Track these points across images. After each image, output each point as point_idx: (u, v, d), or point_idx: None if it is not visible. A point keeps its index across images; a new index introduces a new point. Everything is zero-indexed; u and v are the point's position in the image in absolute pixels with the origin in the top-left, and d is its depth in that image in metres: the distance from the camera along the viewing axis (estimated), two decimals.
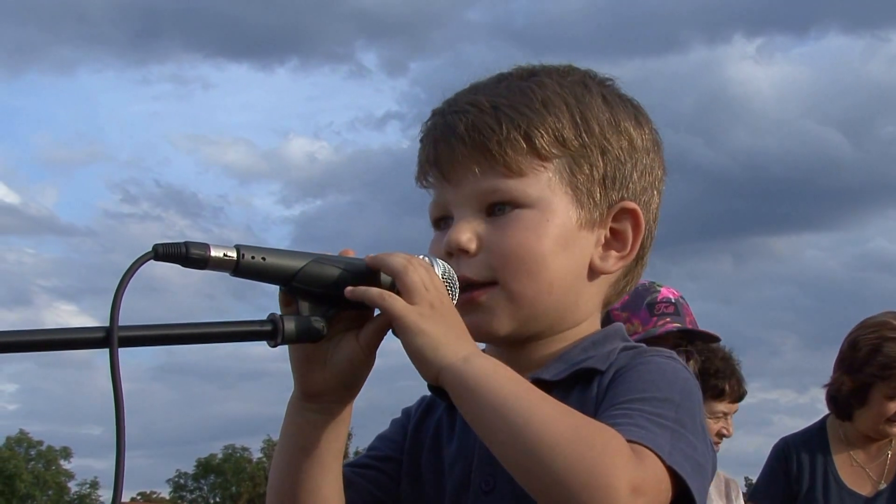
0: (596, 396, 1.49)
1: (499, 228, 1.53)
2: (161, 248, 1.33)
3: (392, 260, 1.43)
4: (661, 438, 1.37)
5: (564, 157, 1.55)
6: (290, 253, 1.41)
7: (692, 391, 1.48)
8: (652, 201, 1.64)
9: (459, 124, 1.55)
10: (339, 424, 1.52)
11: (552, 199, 1.54)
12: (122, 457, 1.28)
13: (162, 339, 1.35)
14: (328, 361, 1.47)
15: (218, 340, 1.39)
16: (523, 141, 1.53)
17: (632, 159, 1.60)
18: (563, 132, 1.55)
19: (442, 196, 1.59)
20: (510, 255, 1.52)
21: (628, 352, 1.55)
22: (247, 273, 1.38)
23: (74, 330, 1.31)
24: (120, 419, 1.27)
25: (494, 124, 1.53)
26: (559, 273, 1.54)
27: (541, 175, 1.54)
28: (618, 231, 1.60)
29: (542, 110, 1.55)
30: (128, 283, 1.29)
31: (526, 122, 1.54)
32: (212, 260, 1.35)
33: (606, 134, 1.58)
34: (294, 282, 1.41)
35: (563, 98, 1.57)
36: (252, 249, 1.38)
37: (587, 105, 1.58)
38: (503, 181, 1.53)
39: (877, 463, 4.09)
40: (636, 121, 1.63)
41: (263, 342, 1.41)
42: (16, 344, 1.28)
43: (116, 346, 1.28)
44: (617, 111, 1.61)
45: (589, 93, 1.60)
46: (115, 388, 1.28)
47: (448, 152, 1.56)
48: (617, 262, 1.60)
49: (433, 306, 1.41)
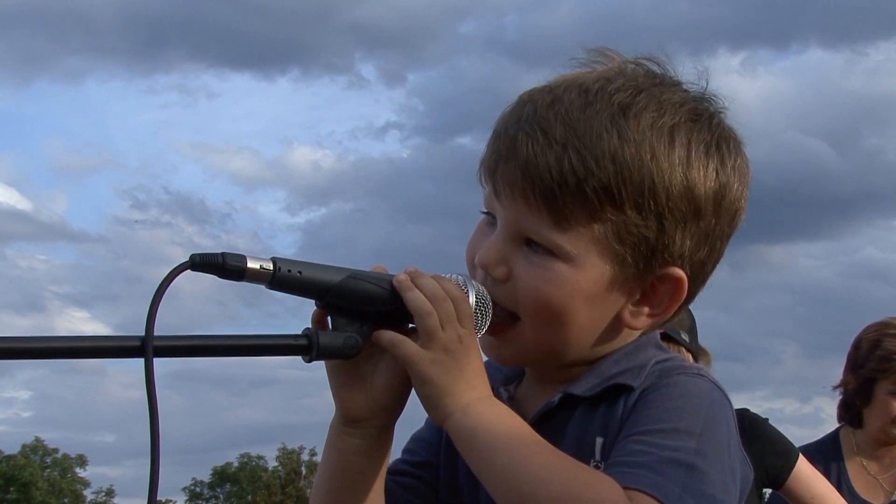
0: (622, 416, 1.47)
1: (530, 267, 1.48)
2: (198, 258, 1.33)
3: (414, 297, 1.42)
4: (672, 481, 1.34)
5: (616, 222, 1.45)
6: (326, 267, 1.41)
7: (718, 415, 1.44)
8: (713, 252, 1.54)
9: (523, 150, 1.46)
10: (382, 448, 1.52)
11: (589, 260, 1.46)
12: (156, 465, 1.29)
13: (196, 349, 1.36)
14: (367, 383, 1.47)
15: (252, 354, 1.40)
16: (577, 192, 1.44)
17: (690, 227, 1.49)
18: (623, 193, 1.44)
19: (492, 202, 1.54)
20: (536, 303, 1.48)
21: (658, 366, 1.51)
22: (282, 286, 1.38)
23: (110, 338, 1.32)
24: (155, 428, 1.28)
25: (555, 165, 1.44)
26: (580, 328, 1.50)
27: (584, 234, 1.45)
28: (657, 290, 1.52)
29: (610, 166, 1.44)
30: (164, 293, 1.30)
31: (585, 173, 1.43)
32: (248, 271, 1.35)
33: (671, 203, 1.46)
34: (329, 297, 1.41)
35: (640, 154, 1.44)
36: (288, 263, 1.39)
37: (662, 168, 1.45)
38: (546, 229, 1.46)
39: (890, 473, 4.11)
40: (717, 179, 1.50)
41: (298, 356, 1.41)
42: (49, 350, 1.29)
43: (152, 355, 1.29)
44: (695, 171, 1.48)
45: (672, 147, 1.47)
46: (150, 397, 1.29)
47: (506, 174, 1.49)
48: (647, 321, 1.54)
49: (447, 350, 1.41)
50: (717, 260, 1.56)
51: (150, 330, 1.29)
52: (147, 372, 1.29)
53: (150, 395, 1.29)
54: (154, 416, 1.28)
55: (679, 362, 1.54)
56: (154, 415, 1.28)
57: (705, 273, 1.56)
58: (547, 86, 1.54)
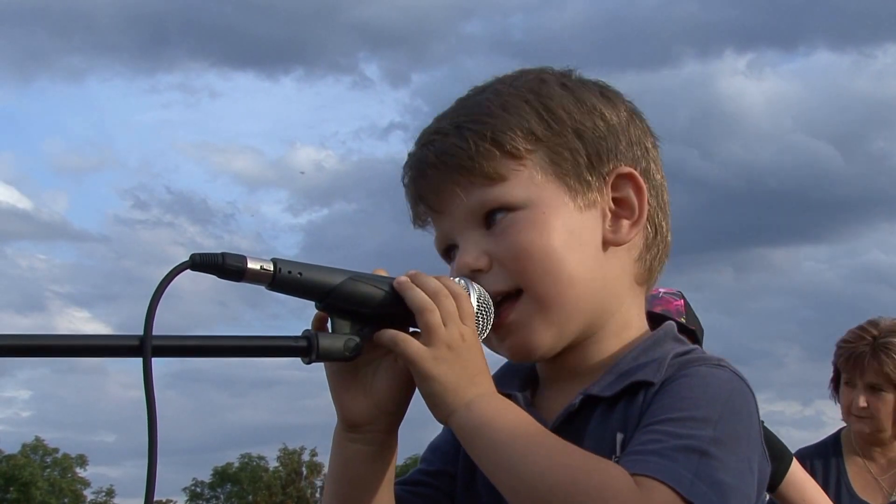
0: (641, 409, 1.46)
1: (500, 237, 1.50)
2: (198, 257, 1.32)
3: (415, 295, 1.42)
4: (684, 468, 1.33)
5: (540, 151, 1.52)
6: (327, 269, 1.41)
7: (738, 404, 1.43)
8: (650, 168, 1.60)
9: (430, 154, 1.54)
10: (388, 452, 1.51)
11: (542, 193, 1.51)
12: (153, 465, 1.28)
13: (195, 350, 1.35)
14: (368, 386, 1.47)
15: (252, 355, 1.39)
16: (494, 148, 1.50)
17: (612, 134, 1.56)
18: (531, 127, 1.52)
19: (440, 228, 1.57)
20: (521, 259, 1.49)
21: (678, 359, 1.50)
22: (283, 287, 1.38)
23: (108, 337, 1.32)
24: (153, 428, 1.27)
25: (461, 142, 1.51)
26: (575, 262, 1.50)
27: (522, 174, 1.51)
28: (621, 199, 1.56)
29: (504, 114, 1.53)
30: (163, 292, 1.29)
31: (490, 130, 1.51)
32: (248, 272, 1.35)
33: (576, 117, 1.54)
34: (329, 299, 1.41)
35: (522, 97, 1.55)
36: (289, 264, 1.38)
37: (547, 96, 1.55)
38: (487, 191, 1.51)
39: (890, 474, 4.12)
40: (605, 97, 1.59)
41: (297, 358, 1.41)
42: (49, 348, 1.28)
43: (150, 355, 1.28)
44: (581, 93, 1.57)
45: (546, 85, 1.57)
46: (148, 397, 1.28)
47: (427, 185, 1.55)
48: (630, 230, 1.55)
49: (450, 346, 1.41)
50: (660, 174, 1.62)
51: (148, 329, 1.28)
52: (145, 372, 1.28)
53: (148, 394, 1.28)
54: (152, 415, 1.28)
55: (699, 354, 1.52)
56: (152, 415, 1.28)
57: (651, 179, 1.59)
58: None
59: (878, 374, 4.01)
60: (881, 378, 4.01)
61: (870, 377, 4.02)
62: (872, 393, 4.04)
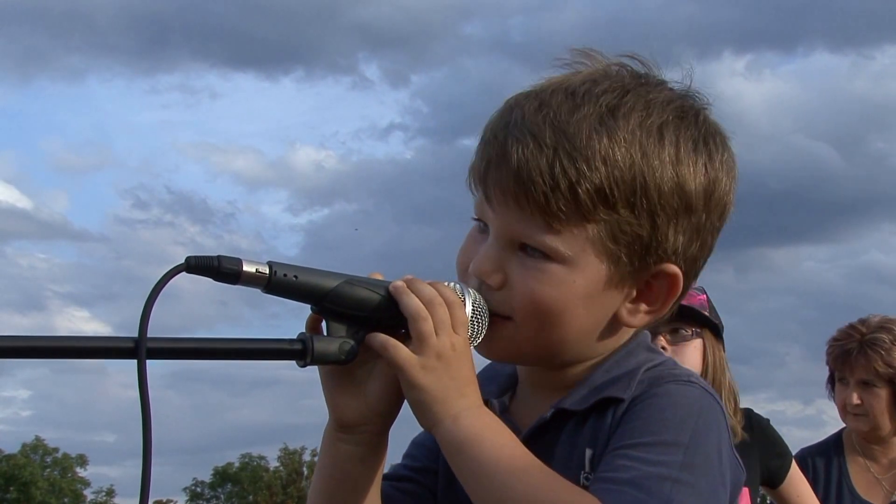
0: (610, 426, 1.47)
1: (525, 272, 1.47)
2: (193, 260, 1.32)
3: (409, 301, 1.42)
4: (656, 498, 1.34)
5: (609, 221, 1.46)
6: (322, 273, 1.41)
7: (708, 421, 1.44)
8: (702, 255, 1.55)
9: (514, 155, 1.46)
10: (377, 454, 1.51)
11: (584, 260, 1.47)
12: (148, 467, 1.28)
13: (190, 352, 1.35)
14: (362, 389, 1.47)
15: (247, 357, 1.40)
16: (570, 196, 1.44)
17: (683, 222, 1.50)
18: (615, 193, 1.44)
19: (483, 209, 1.53)
20: (532, 307, 1.48)
21: (648, 373, 1.50)
22: (278, 290, 1.38)
23: (104, 339, 1.32)
24: (147, 430, 1.28)
25: (546, 169, 1.44)
26: (576, 329, 1.50)
27: (578, 235, 1.46)
28: (652, 287, 1.52)
29: (602, 167, 1.44)
30: (158, 295, 1.29)
31: (577, 175, 1.43)
32: (244, 275, 1.35)
33: (663, 200, 1.47)
34: (325, 302, 1.41)
35: (631, 154, 1.45)
36: (285, 267, 1.38)
37: (653, 166, 1.46)
38: (539, 232, 1.46)
39: (891, 474, 4.14)
40: (706, 174, 1.51)
41: (292, 361, 1.41)
42: (44, 349, 1.29)
43: (145, 357, 1.28)
44: (685, 168, 1.49)
45: (661, 146, 1.48)
46: (143, 400, 1.29)
47: (497, 180, 1.48)
48: (644, 318, 1.54)
49: (440, 356, 1.41)
50: (708, 255, 1.57)
51: (143, 332, 1.28)
52: (140, 374, 1.28)
53: (142, 397, 1.29)
54: (147, 417, 1.28)
55: (670, 368, 1.53)
56: (147, 417, 1.28)
57: (697, 268, 1.57)
58: (533, 90, 1.53)
59: (867, 370, 4.04)
60: (871, 374, 4.04)
61: (860, 373, 4.06)
62: (865, 389, 4.07)
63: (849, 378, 4.09)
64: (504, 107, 1.54)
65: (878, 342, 4.03)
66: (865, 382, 4.06)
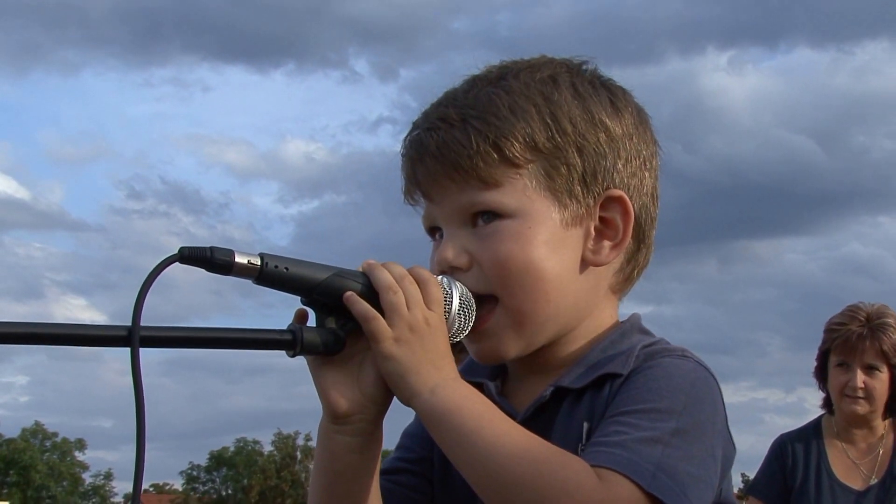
0: (607, 399, 1.49)
1: (484, 240, 1.52)
2: (187, 251, 1.34)
3: (379, 274, 1.45)
4: (646, 460, 1.36)
5: (539, 162, 1.53)
6: (313, 265, 1.43)
7: (701, 392, 1.46)
8: (644, 183, 1.60)
9: (431, 142, 1.54)
10: (373, 444, 1.52)
11: (532, 206, 1.52)
12: (142, 454, 1.30)
13: (182, 341, 1.37)
14: (352, 379, 1.48)
15: (237, 347, 1.41)
16: (494, 152, 1.51)
17: (612, 150, 1.56)
18: (534, 136, 1.52)
19: (429, 212, 1.59)
20: (501, 269, 1.51)
21: (644, 350, 1.53)
22: (269, 282, 1.40)
23: (97, 327, 1.33)
24: (141, 418, 1.29)
25: (464, 138, 1.52)
26: (552, 278, 1.52)
27: (516, 183, 1.52)
28: (608, 220, 1.57)
29: (511, 117, 1.52)
30: (151, 284, 1.31)
31: (494, 132, 1.51)
32: (236, 266, 1.37)
33: (580, 130, 1.54)
34: (315, 294, 1.43)
35: (532, 100, 1.54)
36: (276, 259, 1.40)
37: (557, 103, 1.55)
38: (480, 194, 1.52)
39: (868, 458, 4.18)
40: (613, 107, 1.59)
41: (282, 351, 1.43)
42: (39, 336, 1.29)
43: (138, 346, 1.30)
44: (590, 103, 1.57)
45: (558, 89, 1.56)
46: (137, 387, 1.30)
47: (425, 171, 1.55)
48: (611, 252, 1.57)
49: (413, 329, 1.43)
50: (653, 186, 1.62)
51: (136, 320, 1.30)
52: (133, 362, 1.30)
53: (136, 384, 1.30)
54: (140, 405, 1.29)
55: (664, 345, 1.55)
56: (140, 404, 1.29)
57: (645, 191, 1.60)
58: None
59: (876, 354, 4.08)
60: (879, 358, 4.08)
61: (868, 357, 4.09)
62: (869, 373, 4.10)
63: (854, 362, 4.10)
64: (414, 121, 1.62)
65: (886, 326, 4.09)
66: (870, 366, 4.09)
